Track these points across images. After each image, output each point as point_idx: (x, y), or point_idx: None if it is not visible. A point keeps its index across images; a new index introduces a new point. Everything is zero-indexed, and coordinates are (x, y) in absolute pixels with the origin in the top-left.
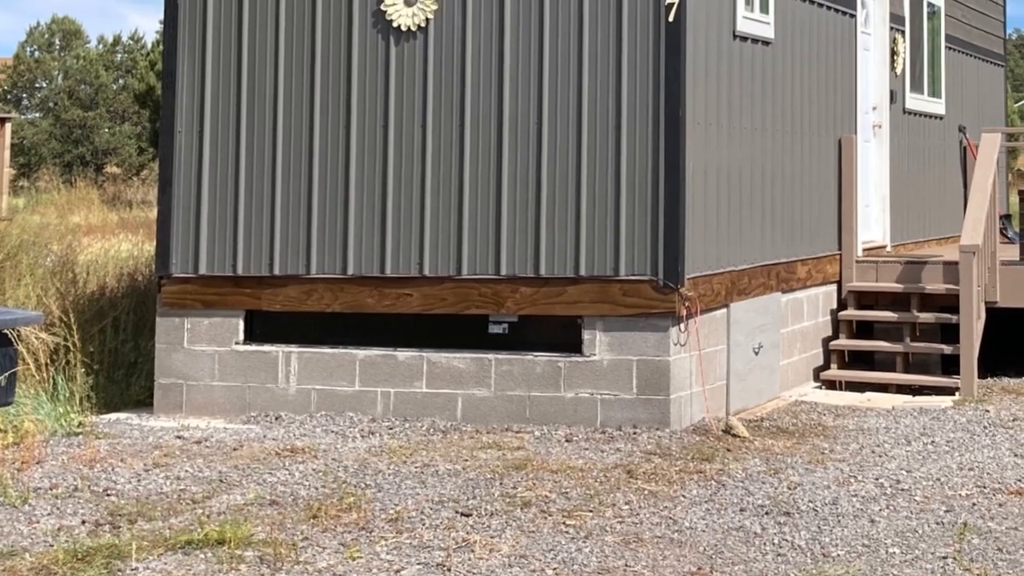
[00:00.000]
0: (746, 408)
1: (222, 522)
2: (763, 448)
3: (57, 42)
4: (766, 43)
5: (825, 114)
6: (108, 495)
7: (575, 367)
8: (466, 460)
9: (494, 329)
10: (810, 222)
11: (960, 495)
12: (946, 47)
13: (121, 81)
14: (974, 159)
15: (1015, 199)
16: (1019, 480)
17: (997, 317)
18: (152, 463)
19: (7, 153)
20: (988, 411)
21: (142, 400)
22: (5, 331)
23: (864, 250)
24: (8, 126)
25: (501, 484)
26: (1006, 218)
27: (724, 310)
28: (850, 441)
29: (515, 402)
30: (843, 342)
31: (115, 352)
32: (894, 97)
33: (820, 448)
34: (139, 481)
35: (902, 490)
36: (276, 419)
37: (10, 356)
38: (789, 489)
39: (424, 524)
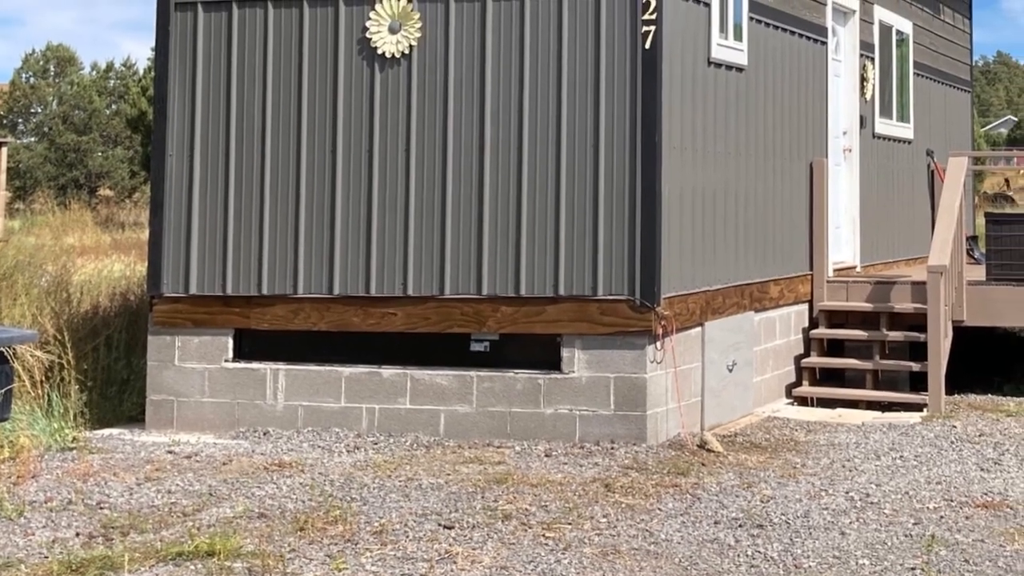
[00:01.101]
0: (720, 424)
1: (212, 534)
2: (737, 463)
3: (52, 68)
4: (740, 69)
5: (797, 138)
6: (101, 508)
7: (554, 384)
8: (449, 474)
9: (476, 347)
10: (782, 243)
11: (928, 508)
12: (914, 73)
13: (114, 106)
14: (941, 182)
15: (982, 221)
16: (985, 494)
17: (964, 335)
18: (144, 477)
19: (3, 176)
20: (955, 427)
21: (134, 416)
22: (1, 349)
23: (835, 270)
24: (4, 150)
25: (483, 497)
26: (973, 239)
27: (699, 329)
28: (821, 456)
29: (496, 418)
30: (814, 360)
31: (108, 369)
32: (864, 122)
33: (792, 463)
34: (131, 495)
35: (872, 503)
36: (264, 434)
37: (6, 373)
38: (762, 502)
39: (408, 536)
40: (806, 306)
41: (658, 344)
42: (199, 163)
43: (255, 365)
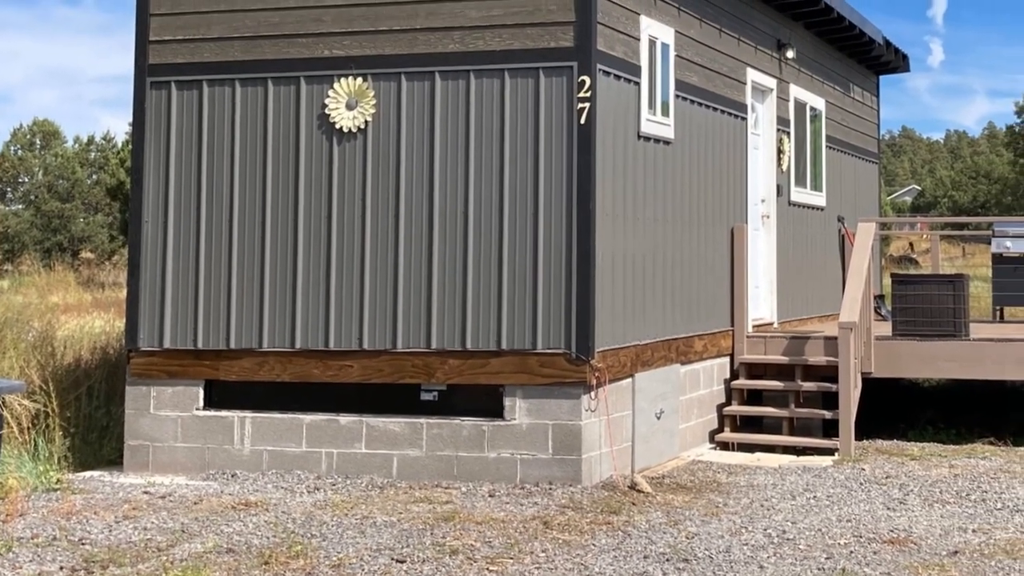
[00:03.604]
0: (649, 467)
1: (184, 568)
2: (664, 502)
3: (38, 142)
4: (667, 142)
5: (719, 206)
6: (83, 544)
7: (497, 430)
8: (401, 513)
9: (426, 396)
10: (706, 301)
11: (839, 544)
12: (827, 146)
13: (95, 176)
14: (851, 246)
15: (888, 281)
16: (892, 531)
17: (872, 386)
18: (122, 515)
19: None
20: (864, 469)
21: (113, 460)
22: None
23: (754, 326)
24: None
25: (432, 534)
26: (880, 298)
27: (630, 380)
28: (741, 496)
29: (444, 461)
30: (735, 408)
31: (89, 417)
32: (780, 191)
33: (715, 502)
34: (111, 531)
35: (788, 539)
36: (232, 476)
37: None
38: (687, 539)
39: (364, 570)
40: (728, 359)
41: (592, 394)
42: (172, 228)
43: (224, 413)
